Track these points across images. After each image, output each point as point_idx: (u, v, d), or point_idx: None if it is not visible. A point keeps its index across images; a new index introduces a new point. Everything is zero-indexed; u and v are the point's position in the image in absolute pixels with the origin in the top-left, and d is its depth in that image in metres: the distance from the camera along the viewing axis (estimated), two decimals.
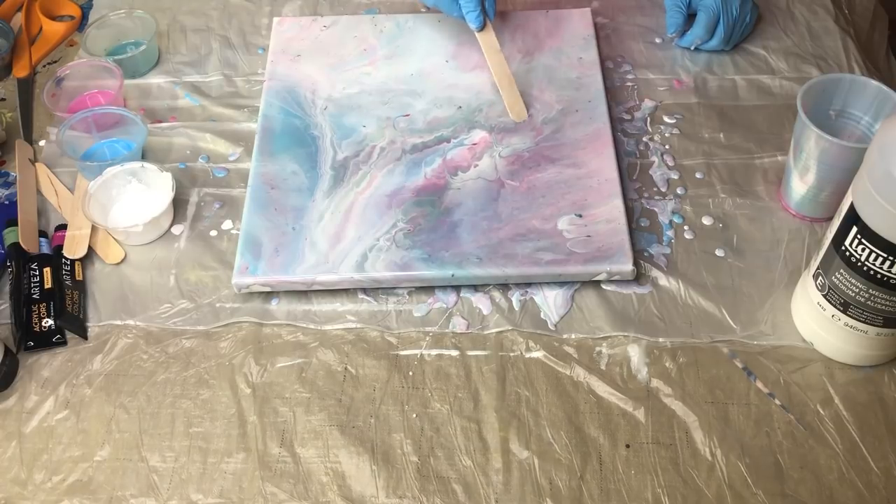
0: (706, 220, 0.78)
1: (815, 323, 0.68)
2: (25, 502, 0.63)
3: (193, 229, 0.79)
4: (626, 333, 0.71)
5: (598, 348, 0.70)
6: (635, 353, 0.70)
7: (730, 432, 0.65)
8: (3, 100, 0.92)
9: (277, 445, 0.66)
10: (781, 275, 0.74)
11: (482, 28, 0.84)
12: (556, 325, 0.71)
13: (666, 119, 0.86)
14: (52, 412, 0.68)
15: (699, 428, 0.65)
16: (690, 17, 0.91)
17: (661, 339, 0.70)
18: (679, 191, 0.80)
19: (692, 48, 0.91)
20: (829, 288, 0.65)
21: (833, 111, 0.74)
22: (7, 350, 0.69)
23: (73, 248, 0.76)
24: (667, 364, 0.69)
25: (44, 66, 0.96)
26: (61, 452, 0.66)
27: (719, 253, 0.76)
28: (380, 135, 0.83)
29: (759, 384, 0.68)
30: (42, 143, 0.88)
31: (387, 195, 0.78)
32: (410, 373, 0.69)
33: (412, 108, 0.85)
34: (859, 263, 0.61)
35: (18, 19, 0.99)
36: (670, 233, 0.77)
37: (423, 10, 0.98)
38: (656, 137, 0.84)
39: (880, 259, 0.59)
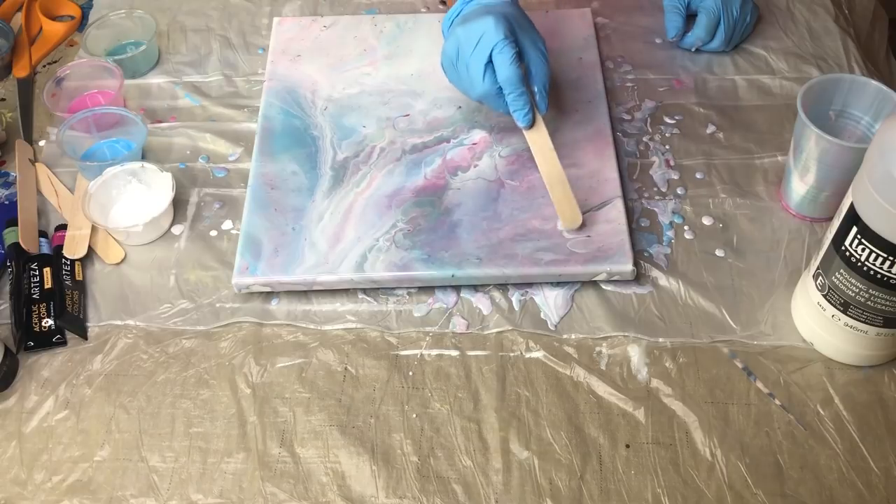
0: (706, 220, 0.78)
1: (815, 323, 0.68)
2: (25, 502, 0.63)
3: (193, 229, 0.79)
4: (626, 333, 0.71)
5: (598, 348, 0.70)
6: (635, 354, 0.70)
7: (730, 432, 0.65)
8: (3, 100, 0.92)
9: (277, 445, 0.66)
10: (781, 275, 0.74)
11: (531, 126, 0.76)
12: (556, 326, 0.71)
13: (666, 119, 0.86)
14: (52, 412, 0.68)
15: (699, 428, 0.65)
16: (690, 18, 0.91)
17: (661, 340, 0.70)
18: (679, 191, 0.80)
19: (693, 50, 0.91)
20: (829, 288, 0.65)
21: (833, 111, 0.74)
22: (7, 350, 0.69)
23: (73, 248, 0.76)
24: (667, 364, 0.69)
25: (44, 66, 0.96)
26: (61, 452, 0.66)
27: (719, 253, 0.76)
28: (380, 135, 0.83)
29: (759, 384, 0.68)
30: (42, 143, 0.88)
31: (386, 195, 0.78)
32: (410, 373, 0.69)
33: (412, 109, 0.85)
34: (859, 263, 0.61)
35: (18, 19, 0.99)
36: (670, 233, 0.77)
37: (423, 10, 0.98)
38: (656, 137, 0.84)
39: (880, 259, 0.59)
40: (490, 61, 0.73)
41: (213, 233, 0.79)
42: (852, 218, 0.60)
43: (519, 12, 0.76)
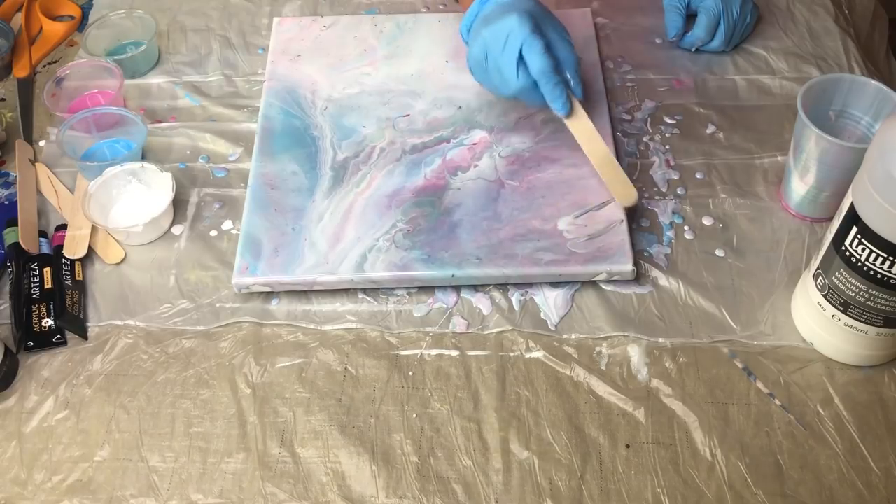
0: (706, 221, 0.78)
1: (815, 323, 0.68)
2: (25, 502, 0.63)
3: (193, 229, 0.79)
4: (626, 333, 0.71)
5: (598, 348, 0.70)
6: (635, 354, 0.70)
7: (730, 432, 0.65)
8: (3, 100, 0.92)
9: (277, 445, 0.66)
10: (781, 275, 0.74)
11: (570, 113, 0.77)
12: (556, 326, 0.71)
13: (666, 119, 0.86)
14: (52, 412, 0.68)
15: (699, 428, 0.65)
16: (690, 18, 0.91)
17: (661, 340, 0.70)
18: (679, 191, 0.80)
19: (693, 50, 0.91)
20: (830, 288, 0.65)
21: (833, 111, 0.74)
22: (7, 350, 0.69)
23: (74, 248, 0.76)
24: (667, 364, 0.69)
25: (44, 66, 0.96)
26: (61, 452, 0.66)
27: (719, 253, 0.76)
28: (380, 135, 0.83)
29: (759, 384, 0.68)
30: (42, 143, 0.88)
31: (386, 195, 0.78)
32: (410, 373, 0.69)
33: (412, 109, 0.85)
34: (859, 263, 0.61)
35: (18, 19, 0.99)
36: (670, 233, 0.77)
37: (423, 10, 0.98)
38: (656, 137, 0.84)
39: (880, 259, 0.59)
40: (521, 57, 0.74)
41: (213, 233, 0.79)
42: (852, 218, 0.60)
43: (537, 5, 0.77)
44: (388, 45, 0.91)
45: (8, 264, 0.76)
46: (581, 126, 0.77)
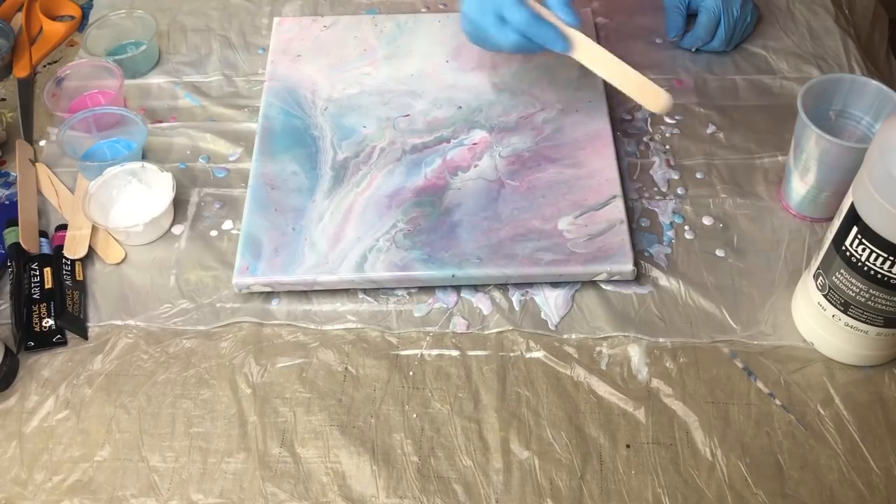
0: (706, 220, 0.78)
1: (816, 323, 0.68)
2: (25, 502, 0.63)
3: (194, 229, 0.79)
4: (626, 333, 0.71)
5: (598, 348, 0.70)
6: (636, 354, 0.70)
7: (730, 432, 0.65)
8: (4, 100, 0.92)
9: (278, 445, 0.66)
10: (782, 275, 0.74)
11: (570, 48, 0.74)
12: (556, 326, 0.71)
13: (666, 119, 0.86)
14: (53, 412, 0.68)
15: (699, 428, 0.65)
16: (690, 18, 0.91)
17: (661, 339, 0.70)
18: (679, 191, 0.80)
19: (693, 50, 0.91)
20: (830, 288, 0.65)
21: (833, 111, 0.74)
22: (7, 350, 0.69)
23: (74, 248, 0.76)
24: (667, 364, 0.69)
25: (44, 66, 0.96)
26: (61, 452, 0.66)
27: (720, 253, 0.76)
28: (380, 135, 0.83)
29: (760, 384, 0.68)
30: (42, 143, 0.88)
31: (387, 195, 0.78)
32: (411, 373, 0.69)
33: (412, 109, 0.85)
34: (859, 263, 0.61)
35: (18, 19, 0.99)
36: (671, 233, 0.77)
37: (423, 10, 0.98)
38: (657, 137, 0.84)
39: (880, 259, 0.59)
40: (502, 17, 0.73)
41: (214, 233, 0.79)
42: (853, 218, 0.60)
43: None
44: (388, 45, 0.91)
45: (8, 264, 0.76)
46: (588, 54, 0.74)
